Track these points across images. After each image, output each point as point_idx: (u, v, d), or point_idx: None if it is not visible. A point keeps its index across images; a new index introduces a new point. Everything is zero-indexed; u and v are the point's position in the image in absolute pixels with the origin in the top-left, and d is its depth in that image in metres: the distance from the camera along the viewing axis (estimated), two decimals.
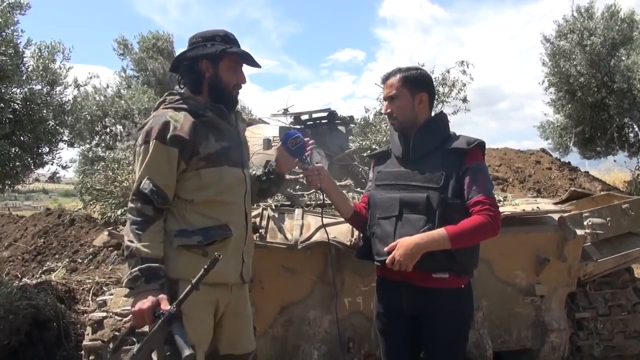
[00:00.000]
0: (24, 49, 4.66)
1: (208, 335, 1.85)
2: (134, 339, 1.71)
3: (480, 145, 1.98)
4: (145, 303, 1.65)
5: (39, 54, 4.82)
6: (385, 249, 1.93)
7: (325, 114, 4.36)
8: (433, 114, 2.13)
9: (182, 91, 1.95)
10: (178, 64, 1.95)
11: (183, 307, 1.60)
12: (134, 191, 1.78)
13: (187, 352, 1.47)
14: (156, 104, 1.97)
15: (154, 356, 1.62)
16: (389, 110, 2.07)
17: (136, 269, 1.69)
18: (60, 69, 4.97)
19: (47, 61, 4.82)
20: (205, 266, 1.54)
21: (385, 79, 2.10)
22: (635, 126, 9.86)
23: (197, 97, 1.91)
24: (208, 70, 1.89)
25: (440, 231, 1.86)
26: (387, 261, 1.90)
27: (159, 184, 1.76)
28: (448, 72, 4.62)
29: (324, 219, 2.38)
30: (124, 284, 1.80)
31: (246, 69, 2.01)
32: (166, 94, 1.98)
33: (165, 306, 1.63)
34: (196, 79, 1.91)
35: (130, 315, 2.64)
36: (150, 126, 1.81)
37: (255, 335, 2.64)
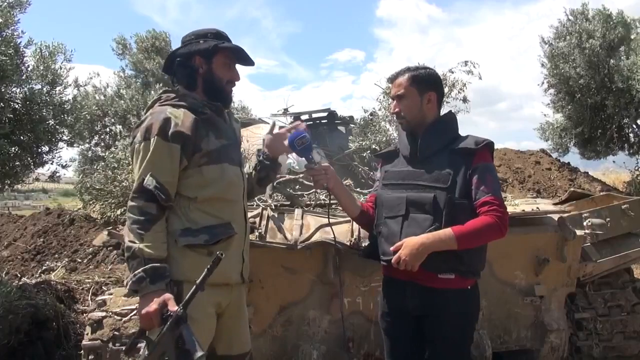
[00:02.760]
0: (24, 49, 4.66)
1: (210, 337, 1.83)
2: (144, 342, 1.67)
3: (489, 145, 1.97)
4: (152, 305, 1.62)
5: (40, 54, 4.82)
6: (391, 248, 1.92)
7: (325, 114, 4.36)
8: (441, 113, 2.11)
9: (177, 89, 1.92)
10: (171, 63, 1.93)
11: (188, 309, 1.56)
12: (136, 189, 1.73)
13: (198, 353, 1.44)
14: (150, 102, 1.93)
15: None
16: (396, 110, 2.05)
17: (140, 270, 1.64)
18: (61, 69, 4.98)
19: (48, 61, 4.82)
20: (208, 266, 1.50)
21: (394, 78, 2.08)
22: (634, 126, 9.88)
23: (193, 93, 1.89)
24: (202, 67, 1.87)
25: (447, 231, 1.85)
26: (392, 260, 1.89)
27: (161, 181, 1.72)
28: (452, 72, 4.58)
29: (324, 218, 2.38)
30: (127, 287, 1.73)
31: (245, 68, 2.01)
32: (161, 91, 1.95)
33: (173, 307, 1.60)
34: (190, 74, 1.88)
35: (131, 316, 2.65)
36: (149, 122, 1.77)
37: (254, 335, 2.66)
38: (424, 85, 2.02)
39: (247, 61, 1.96)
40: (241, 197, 1.94)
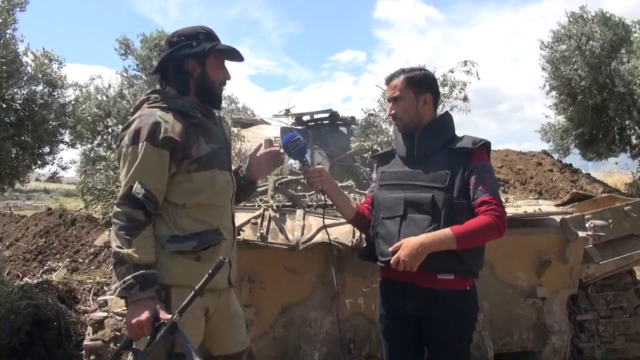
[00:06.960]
0: (23, 54, 4.69)
1: (199, 340, 1.81)
2: (131, 353, 1.62)
3: (486, 145, 1.97)
4: (144, 314, 1.59)
5: (38, 61, 4.84)
6: (390, 249, 1.91)
7: (326, 115, 4.37)
8: (438, 114, 2.12)
9: (166, 90, 1.87)
10: (165, 66, 1.87)
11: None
12: (123, 195, 1.69)
13: None
14: (138, 103, 1.88)
15: None
16: (393, 112, 2.05)
17: (130, 276, 1.61)
18: (56, 74, 5.00)
19: (44, 67, 4.85)
20: (210, 271, 1.47)
21: (389, 80, 2.08)
22: (636, 128, 9.86)
23: (184, 97, 1.85)
24: (195, 70, 1.83)
25: (446, 231, 1.84)
26: (391, 261, 1.87)
27: (149, 187, 1.68)
28: (452, 72, 4.56)
29: (325, 219, 2.38)
30: (116, 293, 1.69)
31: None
32: (149, 91, 1.92)
33: (165, 315, 1.58)
34: (184, 79, 1.84)
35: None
36: (138, 126, 1.72)
37: (255, 336, 2.65)
38: (420, 86, 2.02)
39: (238, 58, 1.93)
40: (229, 202, 1.91)
